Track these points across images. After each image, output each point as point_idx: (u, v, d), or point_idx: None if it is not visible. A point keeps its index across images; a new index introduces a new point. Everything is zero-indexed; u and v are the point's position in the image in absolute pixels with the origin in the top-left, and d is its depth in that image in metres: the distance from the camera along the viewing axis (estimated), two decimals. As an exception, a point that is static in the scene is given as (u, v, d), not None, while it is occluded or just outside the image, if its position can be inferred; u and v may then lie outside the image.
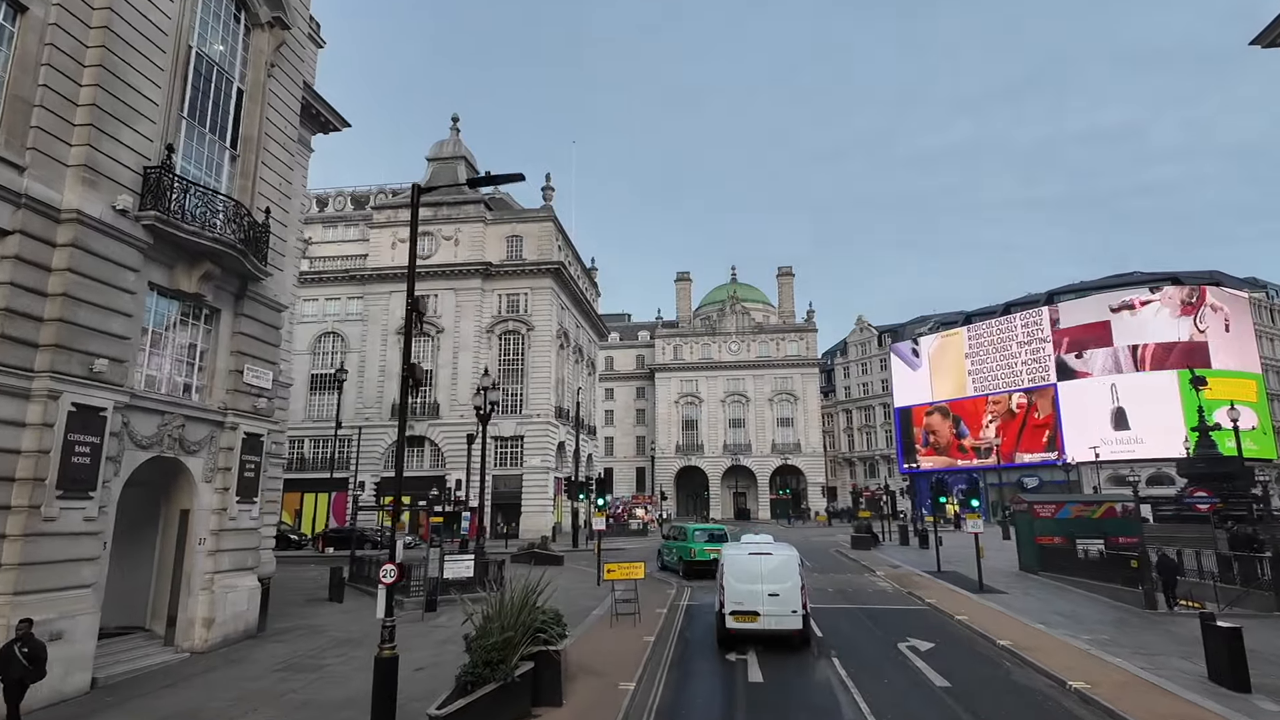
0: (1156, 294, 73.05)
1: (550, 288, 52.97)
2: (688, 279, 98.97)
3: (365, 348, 53.43)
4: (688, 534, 26.80)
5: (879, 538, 35.85)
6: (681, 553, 26.46)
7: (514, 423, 51.28)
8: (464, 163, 57.57)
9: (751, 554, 15.88)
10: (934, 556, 30.36)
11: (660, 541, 33.82)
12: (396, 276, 53.56)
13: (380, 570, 10.11)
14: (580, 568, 26.90)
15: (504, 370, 52.61)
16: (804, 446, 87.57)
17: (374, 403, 52.45)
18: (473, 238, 53.84)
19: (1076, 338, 76.34)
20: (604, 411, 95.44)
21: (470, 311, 52.75)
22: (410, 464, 51.88)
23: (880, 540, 36.40)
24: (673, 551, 28.01)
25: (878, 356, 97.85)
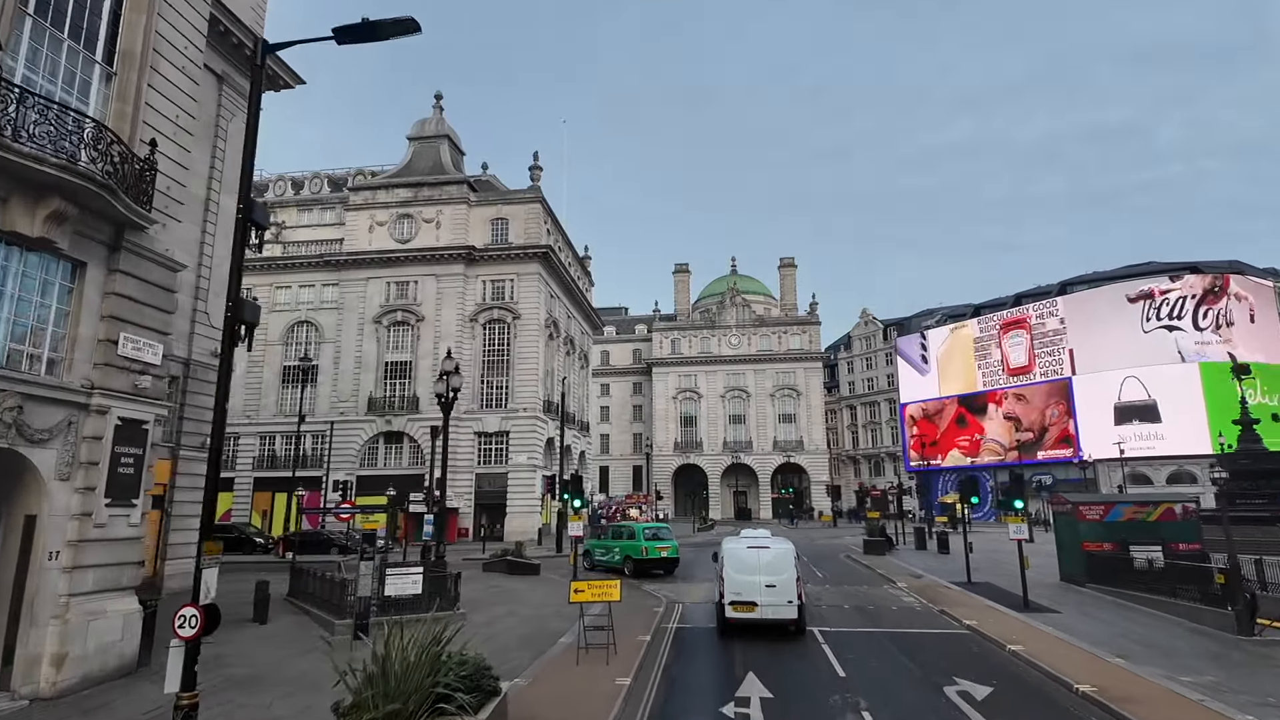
0: (1177, 282, 69.67)
1: (538, 273, 49.60)
2: (686, 271, 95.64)
3: (341, 338, 50.08)
4: (636, 532, 26.10)
5: (893, 541, 32.52)
6: (630, 550, 25.72)
7: (499, 417, 47.95)
8: (447, 142, 54.23)
9: (750, 547, 16.56)
10: (957, 563, 27.06)
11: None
12: (374, 261, 50.27)
13: (177, 618, 6.74)
14: (557, 578, 23.60)
15: (489, 361, 49.29)
16: (807, 444, 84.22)
17: (350, 396, 49.10)
18: (455, 220, 50.47)
19: (1092, 329, 72.98)
20: (599, 408, 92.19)
21: (453, 299, 49.40)
22: (388, 462, 48.68)
23: (894, 544, 33.09)
24: (613, 550, 26.43)
25: (883, 351, 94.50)
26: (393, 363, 49.42)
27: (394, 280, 50.38)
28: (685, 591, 21.54)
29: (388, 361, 49.49)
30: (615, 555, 26.39)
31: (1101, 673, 12.07)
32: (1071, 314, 74.86)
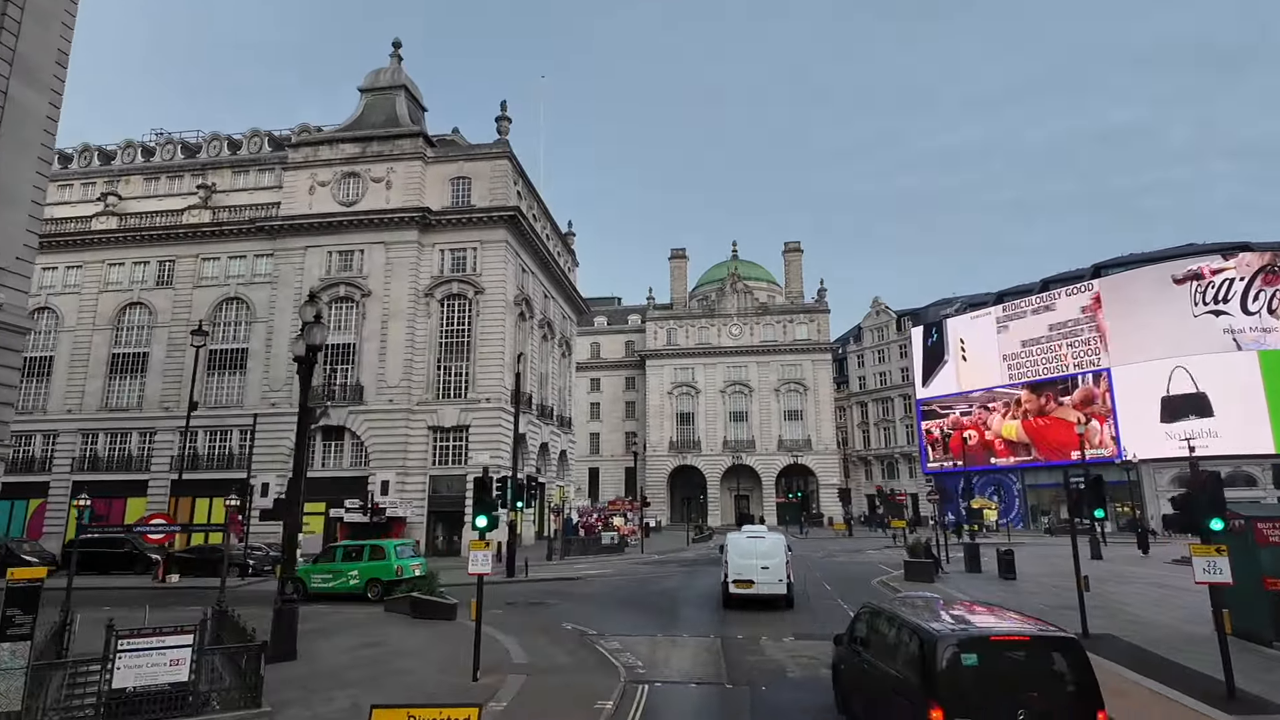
0: (1231, 260, 62.26)
1: (504, 241, 42.29)
2: (683, 256, 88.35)
3: (274, 316, 42.78)
4: (387, 550, 22.53)
5: (940, 562, 25.15)
6: (378, 572, 21.88)
7: (456, 409, 40.61)
8: (404, 93, 46.96)
9: (749, 538, 20.17)
10: (1040, 597, 19.76)
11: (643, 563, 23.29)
12: (315, 227, 43.01)
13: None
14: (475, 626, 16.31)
15: (446, 344, 41.96)
16: (815, 443, 76.82)
17: (282, 384, 41.80)
18: (409, 179, 43.18)
19: (1133, 314, 65.63)
20: (589, 405, 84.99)
21: (404, 271, 42.10)
22: (327, 461, 41.39)
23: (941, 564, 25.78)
24: (345, 574, 22.30)
25: (896, 343, 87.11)
26: (334, 345, 42.06)
27: (336, 249, 43.11)
28: (660, 654, 14.14)
29: (328, 344, 42.02)
30: (350, 580, 22.15)
31: None
32: (1108, 298, 67.52)
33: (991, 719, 6.82)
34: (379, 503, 36.07)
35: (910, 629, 7.88)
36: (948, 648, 7.14)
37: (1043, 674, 7.15)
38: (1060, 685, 7.11)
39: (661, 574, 27.69)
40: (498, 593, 22.57)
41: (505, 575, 25.82)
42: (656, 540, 50.41)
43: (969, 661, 7.08)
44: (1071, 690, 7.03)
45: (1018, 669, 7.16)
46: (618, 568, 30.73)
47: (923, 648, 7.37)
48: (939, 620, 7.94)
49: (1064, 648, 7.29)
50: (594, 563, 33.28)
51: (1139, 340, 64.29)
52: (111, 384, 44.27)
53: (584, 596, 21.31)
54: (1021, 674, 7.13)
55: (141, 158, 50.18)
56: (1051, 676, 7.13)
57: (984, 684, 7.01)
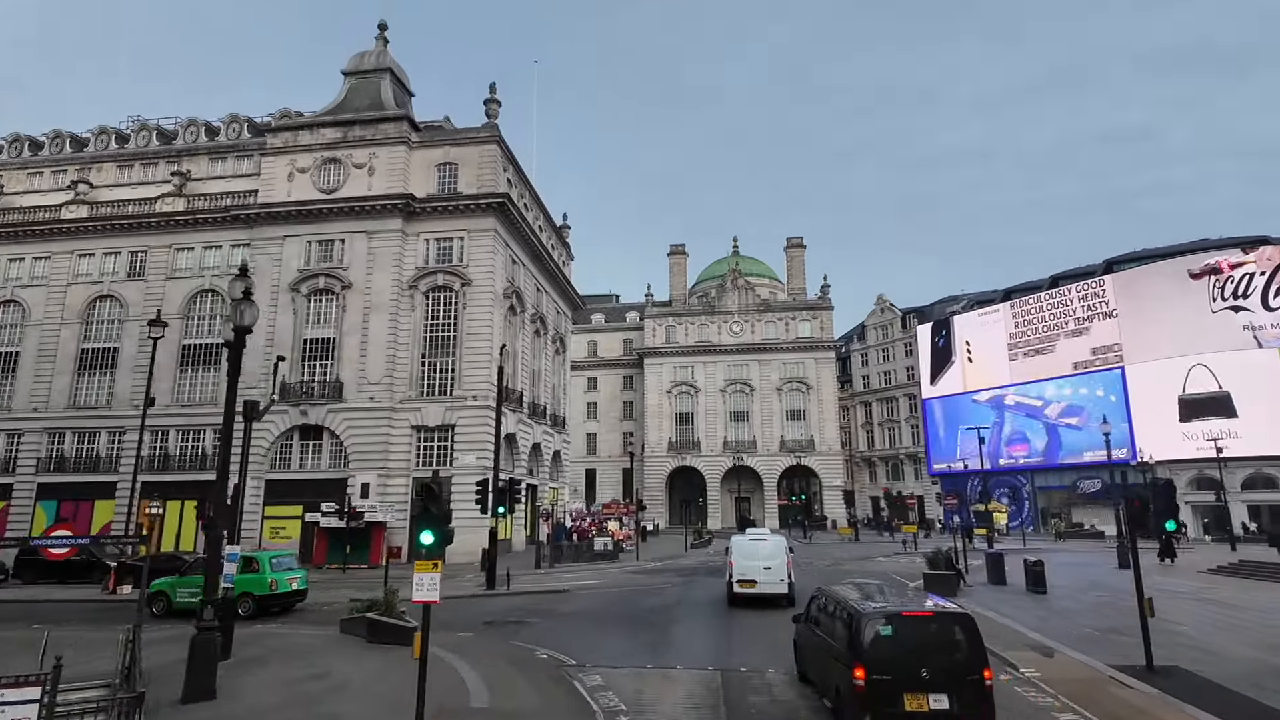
0: (1250, 254, 60.01)
1: (492, 230, 40.08)
2: (683, 252, 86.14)
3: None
4: (261, 562, 20.29)
5: (963, 573, 22.87)
6: (251, 586, 19.44)
7: (441, 407, 38.40)
8: (389, 76, 44.79)
9: (752, 540, 20.81)
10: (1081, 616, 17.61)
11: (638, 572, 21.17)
12: (293, 215, 40.83)
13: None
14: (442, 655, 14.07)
15: (431, 338, 39.77)
16: (818, 443, 74.58)
17: (258, 381, 39.46)
18: (392, 165, 40.98)
19: (1147, 311, 63.41)
20: (585, 404, 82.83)
21: (387, 261, 39.90)
22: (305, 462, 39.21)
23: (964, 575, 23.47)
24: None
25: (901, 341, 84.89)
26: (312, 340, 39.94)
27: (316, 238, 40.91)
28: (649, 692, 11.87)
29: (306, 339, 39.98)
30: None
31: None
32: (1121, 295, 65.33)
33: (902, 675, 8.75)
34: (356, 506, 33.80)
35: (845, 608, 9.89)
36: (870, 622, 9.18)
37: (943, 641, 9.07)
38: (956, 650, 8.98)
39: (656, 585, 25.46)
40: (473, 610, 20.35)
41: (485, 588, 23.56)
42: (653, 545, 48.15)
43: (886, 632, 9.10)
44: (965, 654, 8.95)
45: (924, 637, 9.09)
46: (610, 577, 28.48)
47: (851, 622, 9.41)
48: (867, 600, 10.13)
49: (960, 621, 9.21)
50: (585, 571, 31.03)
51: (1154, 338, 62.14)
52: (80, 381, 42.12)
53: (568, 614, 19.07)
54: (927, 641, 9.05)
55: (115, 144, 48.00)
56: (950, 643, 9.04)
57: (898, 649, 8.93)
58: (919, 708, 8.69)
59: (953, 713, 8.70)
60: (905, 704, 8.69)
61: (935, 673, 8.78)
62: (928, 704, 8.69)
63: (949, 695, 8.73)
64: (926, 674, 8.77)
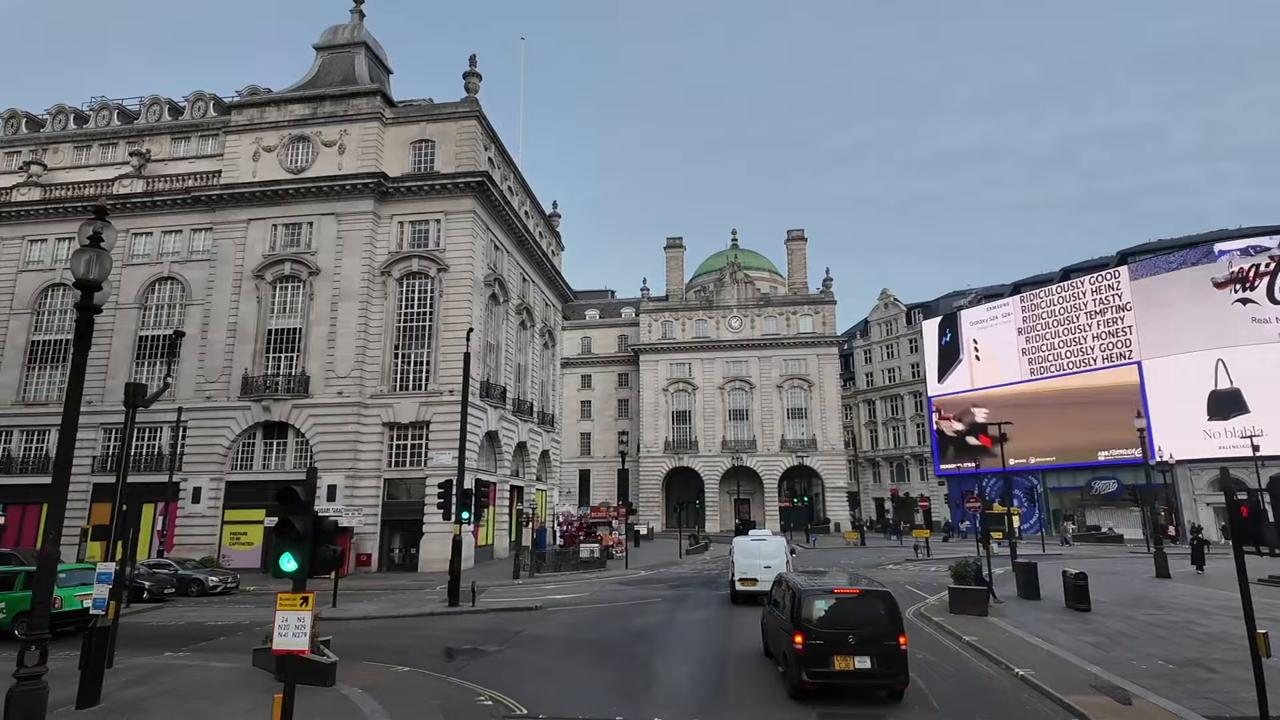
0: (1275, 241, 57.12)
1: (471, 212, 37.21)
2: (680, 245, 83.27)
3: (211, 298, 37.71)
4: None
5: (993, 589, 19.90)
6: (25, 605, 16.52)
7: (415, 402, 35.51)
8: (364, 51, 41.96)
9: (754, 541, 22.18)
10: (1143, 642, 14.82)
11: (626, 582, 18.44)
12: (258, 197, 37.97)
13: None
14: (350, 700, 11.20)
15: (405, 328, 36.89)
16: (821, 443, 71.68)
17: (219, 374, 36.69)
18: (364, 142, 38.12)
19: (1167, 303, 60.57)
20: (579, 402, 79.98)
21: (358, 246, 37.03)
22: (268, 462, 36.33)
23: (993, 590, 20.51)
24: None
25: (906, 336, 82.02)
26: (278, 331, 37.07)
27: (282, 221, 38.05)
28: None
29: (271, 329, 37.10)
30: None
31: None
32: (1138, 286, 62.43)
33: (833, 641, 10.90)
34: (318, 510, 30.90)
35: (793, 589, 11.97)
36: (809, 598, 11.46)
37: (868, 614, 11.21)
38: (878, 621, 11.12)
39: (643, 600, 22.56)
40: (424, 633, 17.46)
41: (447, 605, 20.65)
42: (646, 550, 45.24)
43: (820, 605, 11.36)
44: (885, 624, 11.06)
45: (852, 611, 11.27)
46: (593, 590, 25.59)
47: (795, 599, 11.58)
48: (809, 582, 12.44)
49: (883, 598, 11.58)
50: (566, 583, 28.12)
51: (1174, 331, 59.28)
52: (30, 375, 39.30)
53: (534, 640, 16.18)
54: (854, 614, 11.20)
55: (74, 124, 45.09)
56: (874, 616, 11.17)
57: (830, 620, 11.15)
58: (846, 666, 10.70)
59: (873, 670, 10.70)
60: (835, 664, 10.70)
61: (860, 639, 10.75)
62: (853, 664, 10.70)
63: (870, 657, 10.71)
64: (853, 640, 10.76)
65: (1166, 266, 61.59)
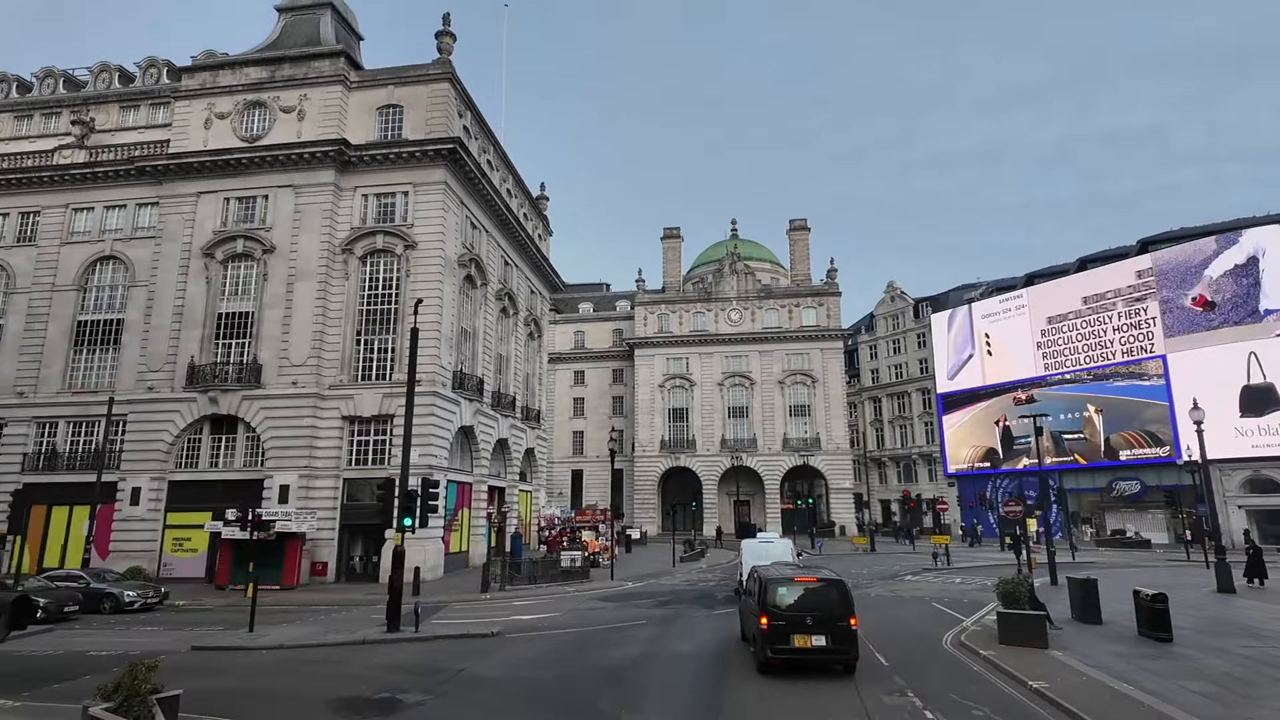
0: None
1: (442, 183, 33.63)
2: (677, 236, 79.68)
3: (157, 278, 34.15)
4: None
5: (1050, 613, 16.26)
6: None
7: (378, 394, 31.93)
8: (330, 12, 38.40)
9: (762, 542, 23.35)
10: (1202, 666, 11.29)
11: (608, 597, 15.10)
12: (209, 168, 34.42)
13: None
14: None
15: (367, 312, 33.33)
16: (825, 442, 68.05)
17: (163, 363, 33.11)
18: (326, 108, 34.58)
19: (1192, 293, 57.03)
20: (571, 400, 76.50)
21: (317, 221, 33.48)
22: (216, 460, 32.81)
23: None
24: None
25: (914, 331, 78.40)
26: (228, 315, 33.50)
27: (235, 195, 34.50)
28: None
29: (221, 313, 33.53)
30: None
31: None
32: (1162, 276, 58.82)
33: (792, 622, 12.69)
34: (263, 513, 27.30)
35: (761, 578, 13.84)
36: (773, 585, 13.30)
37: (823, 599, 12.97)
38: (832, 605, 12.82)
39: (623, 623, 18.95)
40: (347, 669, 13.85)
41: (385, 630, 17.04)
42: (638, 557, 41.65)
43: (783, 591, 13.17)
44: (838, 608, 12.78)
45: (809, 596, 13.06)
46: (569, 608, 22.01)
47: (762, 586, 13.47)
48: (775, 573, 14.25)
49: (836, 585, 13.28)
50: (540, 597, 24.54)
51: (1201, 322, 55.72)
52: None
53: (473, 684, 12.58)
54: (811, 599, 13.00)
55: (16, 94, 41.56)
56: (829, 600, 12.92)
57: (791, 603, 12.95)
58: (804, 644, 12.59)
59: (828, 647, 12.61)
60: (795, 641, 12.62)
61: (816, 620, 12.67)
62: (810, 641, 12.59)
63: (825, 635, 12.59)
64: (810, 621, 12.71)
65: (1191, 255, 58.01)
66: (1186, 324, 56.74)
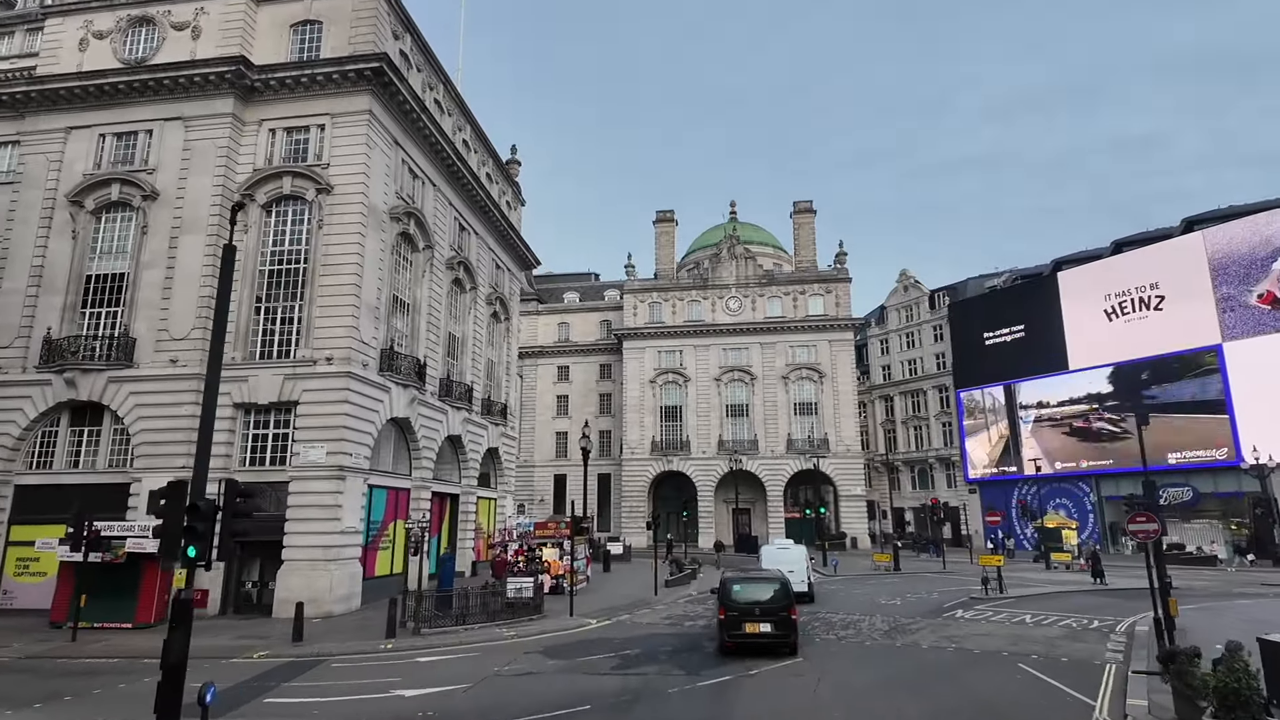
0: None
1: (367, 114, 26.92)
2: (671, 220, 72.89)
3: (12, 233, 27.40)
4: None
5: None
6: None
7: (278, 375, 25.14)
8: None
9: (779, 549, 26.76)
10: None
11: (552, 652, 8.49)
12: (81, 96, 27.72)
13: None
14: None
15: (271, 273, 26.58)
16: (834, 443, 61.22)
17: (14, 337, 26.34)
18: (228, 23, 27.90)
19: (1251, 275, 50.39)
20: (555, 397, 69.81)
21: (210, 160, 26.75)
22: (77, 459, 26.04)
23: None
24: None
25: (930, 323, 71.67)
26: (98, 277, 26.78)
27: (113, 130, 27.81)
28: None
29: (90, 275, 26.80)
30: None
31: None
32: (1220, 270, 52.07)
33: (744, 612, 16.29)
34: (101, 528, 20.50)
35: (723, 579, 17.76)
36: (729, 583, 17.24)
37: (770, 593, 16.60)
38: (776, 598, 16.45)
39: (555, 714, 12.04)
40: None
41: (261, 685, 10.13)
42: (616, 577, 34.80)
43: (737, 588, 17.03)
44: (781, 600, 16.38)
45: (758, 590, 16.80)
46: (490, 670, 15.17)
47: (722, 585, 17.33)
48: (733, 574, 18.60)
49: (781, 580, 17.22)
50: (460, 649, 17.68)
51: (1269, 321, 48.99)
52: None
53: None
54: (760, 593, 16.66)
55: (-124, 22, 34.84)
56: (774, 594, 16.55)
57: (744, 597, 16.68)
58: (754, 630, 16.14)
59: (772, 633, 16.12)
60: (746, 628, 16.17)
61: (763, 610, 16.21)
62: (759, 628, 16.14)
63: (770, 623, 16.14)
64: (758, 611, 16.25)
65: (1251, 239, 51.29)
66: (1251, 325, 49.89)
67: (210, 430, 11.96)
